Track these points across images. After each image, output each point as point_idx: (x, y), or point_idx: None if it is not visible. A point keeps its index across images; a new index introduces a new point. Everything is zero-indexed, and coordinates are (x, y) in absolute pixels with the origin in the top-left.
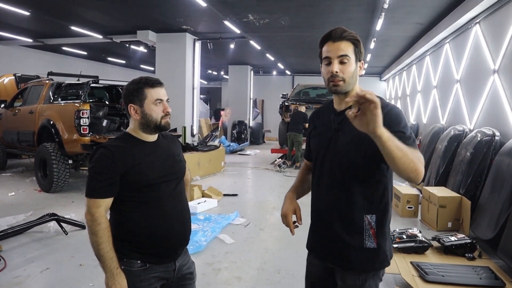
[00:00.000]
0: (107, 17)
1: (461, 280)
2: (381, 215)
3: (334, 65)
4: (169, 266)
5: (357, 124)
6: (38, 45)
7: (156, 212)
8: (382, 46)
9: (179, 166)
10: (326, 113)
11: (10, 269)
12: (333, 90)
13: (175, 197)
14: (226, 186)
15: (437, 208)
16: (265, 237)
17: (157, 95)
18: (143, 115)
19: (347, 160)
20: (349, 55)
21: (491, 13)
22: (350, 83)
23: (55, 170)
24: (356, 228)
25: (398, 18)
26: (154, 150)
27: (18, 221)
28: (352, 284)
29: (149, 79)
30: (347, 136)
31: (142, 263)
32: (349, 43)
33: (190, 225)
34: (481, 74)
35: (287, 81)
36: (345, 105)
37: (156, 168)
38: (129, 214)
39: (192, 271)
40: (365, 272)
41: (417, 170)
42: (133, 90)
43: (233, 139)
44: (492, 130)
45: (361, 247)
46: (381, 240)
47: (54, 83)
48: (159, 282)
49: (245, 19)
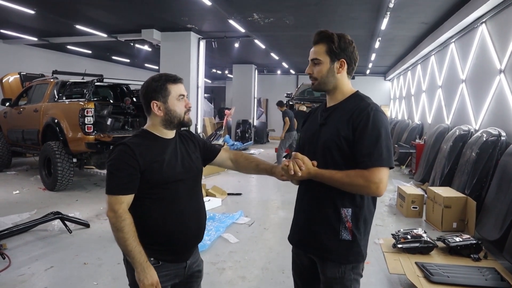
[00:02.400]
0: (111, 15)
1: (467, 281)
2: (357, 210)
3: (308, 67)
4: (181, 265)
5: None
6: (43, 44)
7: (172, 210)
8: (386, 45)
9: (196, 164)
10: (318, 110)
11: (14, 267)
12: (312, 88)
13: (192, 196)
14: (230, 185)
15: (442, 209)
16: (269, 237)
17: (180, 90)
18: (167, 111)
19: (325, 153)
20: (319, 58)
21: (498, 12)
22: (325, 82)
23: (59, 168)
24: (333, 220)
25: (403, 17)
26: (172, 148)
27: (22, 219)
28: (332, 276)
29: (170, 75)
30: (329, 131)
31: (155, 260)
32: (322, 45)
33: (205, 224)
34: (487, 74)
35: (292, 81)
36: (333, 102)
37: (174, 166)
38: (146, 211)
39: (200, 269)
40: (343, 265)
41: (365, 192)
42: (156, 87)
43: (237, 138)
44: (498, 130)
45: (337, 238)
46: (357, 233)
47: (59, 81)
48: (170, 281)
49: (249, 18)
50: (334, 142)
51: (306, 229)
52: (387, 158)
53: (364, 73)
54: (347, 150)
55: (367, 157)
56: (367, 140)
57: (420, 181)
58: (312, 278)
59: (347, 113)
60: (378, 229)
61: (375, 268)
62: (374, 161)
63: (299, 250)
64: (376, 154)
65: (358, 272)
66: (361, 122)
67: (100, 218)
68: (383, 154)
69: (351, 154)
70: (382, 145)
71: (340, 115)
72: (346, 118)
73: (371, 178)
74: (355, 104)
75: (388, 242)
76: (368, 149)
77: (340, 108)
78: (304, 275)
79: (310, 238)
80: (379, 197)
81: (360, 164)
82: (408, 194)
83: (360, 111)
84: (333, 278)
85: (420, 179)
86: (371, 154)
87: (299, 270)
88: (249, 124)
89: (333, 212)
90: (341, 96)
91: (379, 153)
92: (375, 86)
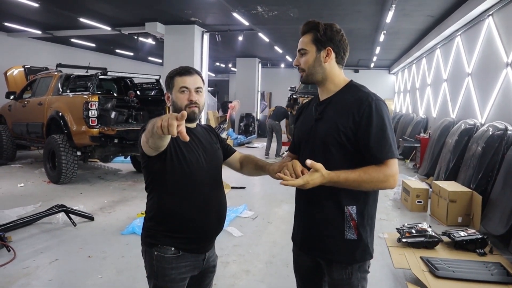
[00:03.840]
0: (115, 9)
1: (472, 276)
2: (362, 206)
3: (295, 59)
4: (200, 256)
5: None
6: (47, 37)
7: (194, 197)
8: (391, 38)
9: (217, 154)
10: (311, 105)
11: (19, 260)
12: (301, 80)
13: (213, 185)
14: (233, 179)
15: (447, 203)
16: (273, 230)
17: (183, 82)
18: (172, 102)
19: (324, 149)
20: (305, 48)
21: (505, 5)
22: (312, 73)
23: (63, 161)
24: (337, 219)
25: (408, 10)
26: (194, 136)
27: (27, 212)
28: (339, 278)
29: (181, 68)
30: (326, 125)
31: (175, 250)
32: (308, 35)
33: (225, 216)
34: (493, 67)
35: (295, 74)
36: (327, 95)
37: (196, 153)
38: (168, 195)
39: (215, 264)
40: (350, 265)
41: (382, 187)
42: (167, 78)
43: (241, 132)
44: (504, 124)
45: (342, 238)
46: (362, 231)
47: (63, 75)
48: (189, 273)
49: (253, 11)
50: (333, 138)
51: (308, 231)
52: (395, 149)
53: (368, 66)
54: (348, 145)
55: (378, 151)
56: (373, 133)
57: (424, 175)
58: (314, 278)
59: (345, 105)
60: (382, 224)
61: (379, 263)
62: (385, 153)
63: (303, 252)
64: (386, 147)
65: (365, 270)
66: (364, 115)
67: (104, 211)
68: (392, 146)
69: (352, 148)
70: (389, 137)
71: (337, 108)
72: (345, 111)
73: (388, 171)
74: (353, 95)
75: (392, 236)
76: (377, 142)
77: (336, 100)
78: (306, 276)
79: (313, 240)
80: (382, 191)
81: (371, 158)
82: (413, 188)
83: (360, 102)
84: (340, 279)
85: (425, 173)
86: (382, 147)
87: (301, 271)
88: (252, 118)
89: (336, 211)
90: (334, 88)
91: (389, 145)
92: (380, 80)
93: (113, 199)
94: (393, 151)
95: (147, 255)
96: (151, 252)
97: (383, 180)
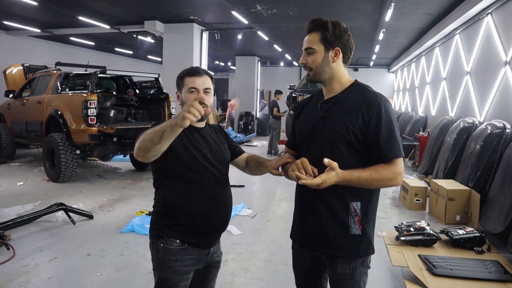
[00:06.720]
0: (114, 7)
1: (470, 274)
2: (366, 202)
3: (302, 57)
4: (204, 251)
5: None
6: (46, 36)
7: (199, 193)
8: (390, 37)
9: (224, 154)
10: (314, 102)
11: (18, 258)
12: (307, 79)
13: (219, 184)
14: (232, 177)
15: (446, 201)
16: (272, 229)
17: (192, 83)
18: (182, 102)
19: (331, 147)
20: (313, 47)
21: (504, 3)
22: (320, 72)
23: (63, 160)
24: (342, 215)
25: (407, 8)
26: (202, 135)
27: (26, 210)
28: (343, 273)
29: (191, 68)
30: (333, 123)
31: (180, 242)
32: (315, 33)
33: (230, 214)
34: (492, 66)
35: (295, 73)
36: (332, 93)
37: (204, 151)
38: (175, 191)
39: (220, 260)
40: (354, 260)
41: (390, 185)
42: (178, 78)
43: (240, 130)
44: (503, 122)
45: (347, 233)
46: (366, 226)
47: (62, 73)
48: (193, 266)
49: (253, 9)
50: (342, 136)
51: (311, 227)
52: (401, 149)
53: (368, 65)
54: (355, 143)
55: (387, 150)
56: (383, 133)
57: (423, 174)
58: (314, 275)
59: (353, 104)
60: (381, 222)
61: (378, 261)
62: (394, 153)
63: (304, 249)
64: (395, 146)
65: (367, 265)
66: (373, 115)
67: (103, 209)
68: (400, 146)
69: (358, 146)
70: (397, 137)
71: (345, 107)
72: (354, 110)
73: (396, 170)
74: (360, 95)
75: (391, 234)
76: (386, 142)
77: (343, 99)
78: (306, 273)
79: (316, 236)
80: (381, 189)
81: (380, 157)
82: (411, 187)
83: (370, 102)
84: (344, 274)
85: (424, 171)
86: (391, 147)
87: (300, 268)
88: (251, 116)
89: (342, 207)
90: (340, 87)
91: (397, 144)
92: (379, 78)
93: (112, 198)
94: (401, 150)
95: (154, 247)
96: (157, 244)
97: (392, 178)
